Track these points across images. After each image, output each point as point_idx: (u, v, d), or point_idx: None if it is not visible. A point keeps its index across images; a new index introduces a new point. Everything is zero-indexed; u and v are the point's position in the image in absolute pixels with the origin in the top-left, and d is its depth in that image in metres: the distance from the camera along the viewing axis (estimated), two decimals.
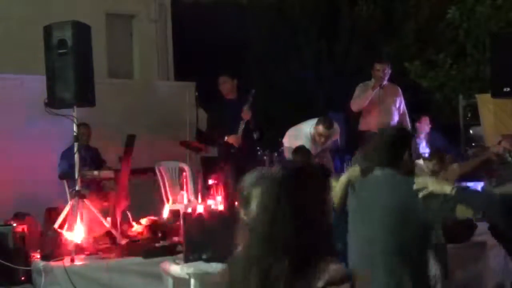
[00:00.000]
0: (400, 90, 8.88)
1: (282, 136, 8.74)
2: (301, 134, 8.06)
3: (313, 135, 7.94)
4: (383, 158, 3.78)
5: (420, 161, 6.39)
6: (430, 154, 7.08)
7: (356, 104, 8.67)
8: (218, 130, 8.27)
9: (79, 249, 6.89)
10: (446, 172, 6.26)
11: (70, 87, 6.94)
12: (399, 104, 8.79)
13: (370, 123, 8.52)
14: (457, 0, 10.59)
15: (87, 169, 7.78)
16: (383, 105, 8.59)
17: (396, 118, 8.70)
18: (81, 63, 7.01)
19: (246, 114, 8.12)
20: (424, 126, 9.69)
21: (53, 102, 7.04)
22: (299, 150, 7.03)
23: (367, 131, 8.42)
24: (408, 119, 8.93)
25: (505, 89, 8.45)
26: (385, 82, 8.67)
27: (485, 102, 9.12)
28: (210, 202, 8.64)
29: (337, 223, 3.13)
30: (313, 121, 8.05)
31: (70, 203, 7.14)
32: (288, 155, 8.13)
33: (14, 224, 7.04)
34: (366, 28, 12.73)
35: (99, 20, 10.55)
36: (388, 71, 8.68)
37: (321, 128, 7.83)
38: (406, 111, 8.89)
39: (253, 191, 2.40)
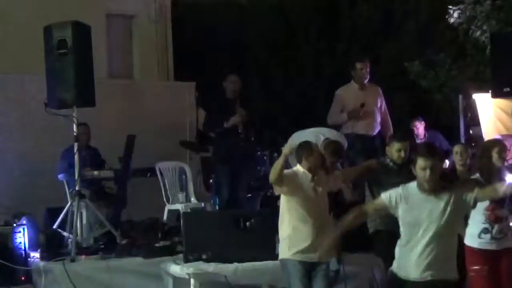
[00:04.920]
0: (380, 90, 8.72)
1: (282, 136, 8.72)
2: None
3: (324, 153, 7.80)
4: None
5: None
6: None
7: (331, 121, 8.46)
8: (212, 123, 8.26)
9: (79, 249, 6.90)
10: (330, 179, 6.03)
11: (70, 87, 6.94)
12: (381, 104, 8.65)
13: (353, 126, 8.36)
14: (457, 1, 10.59)
15: (87, 169, 7.78)
16: (365, 106, 8.43)
17: (378, 119, 8.57)
18: (81, 63, 7.01)
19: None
20: (420, 128, 9.70)
21: (53, 102, 7.05)
22: (305, 145, 6.25)
23: (350, 133, 8.28)
24: (389, 119, 8.77)
25: (505, 89, 8.45)
26: (366, 82, 8.53)
27: (485, 102, 9.11)
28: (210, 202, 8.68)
29: None
30: (318, 130, 7.88)
31: (70, 203, 7.15)
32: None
33: (14, 224, 7.05)
34: (366, 28, 12.73)
35: (99, 20, 10.54)
36: (368, 70, 8.54)
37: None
38: (387, 111, 8.75)
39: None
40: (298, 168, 5.87)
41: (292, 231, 5.74)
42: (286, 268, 5.76)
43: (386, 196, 4.79)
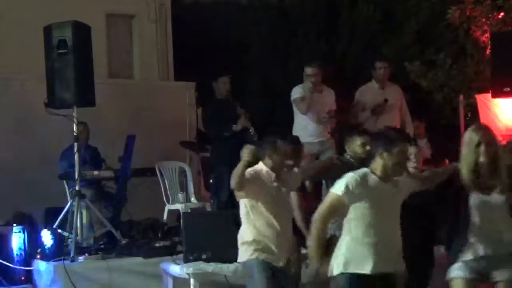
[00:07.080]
0: (400, 89, 8.78)
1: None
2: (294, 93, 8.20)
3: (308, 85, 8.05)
4: None
5: None
6: None
7: (353, 121, 8.31)
8: (218, 126, 8.26)
9: (79, 249, 6.90)
10: (290, 177, 5.51)
11: (70, 87, 6.95)
12: (401, 103, 8.70)
13: (375, 124, 8.35)
14: (457, 1, 10.59)
15: (87, 169, 7.78)
16: (386, 106, 8.46)
17: (398, 118, 8.60)
18: (81, 63, 7.01)
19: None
20: (420, 128, 9.70)
21: (53, 102, 7.05)
22: (269, 141, 5.60)
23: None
24: (410, 118, 8.82)
25: (505, 89, 8.46)
26: (386, 81, 8.58)
27: (485, 102, 9.12)
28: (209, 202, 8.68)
29: None
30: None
31: (70, 203, 7.15)
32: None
33: (14, 224, 7.05)
34: (366, 28, 12.73)
35: (99, 20, 10.55)
36: (388, 70, 8.59)
37: (309, 69, 8.01)
38: (407, 110, 8.79)
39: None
40: (261, 166, 5.36)
41: (256, 235, 5.27)
42: (249, 267, 5.29)
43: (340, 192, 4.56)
